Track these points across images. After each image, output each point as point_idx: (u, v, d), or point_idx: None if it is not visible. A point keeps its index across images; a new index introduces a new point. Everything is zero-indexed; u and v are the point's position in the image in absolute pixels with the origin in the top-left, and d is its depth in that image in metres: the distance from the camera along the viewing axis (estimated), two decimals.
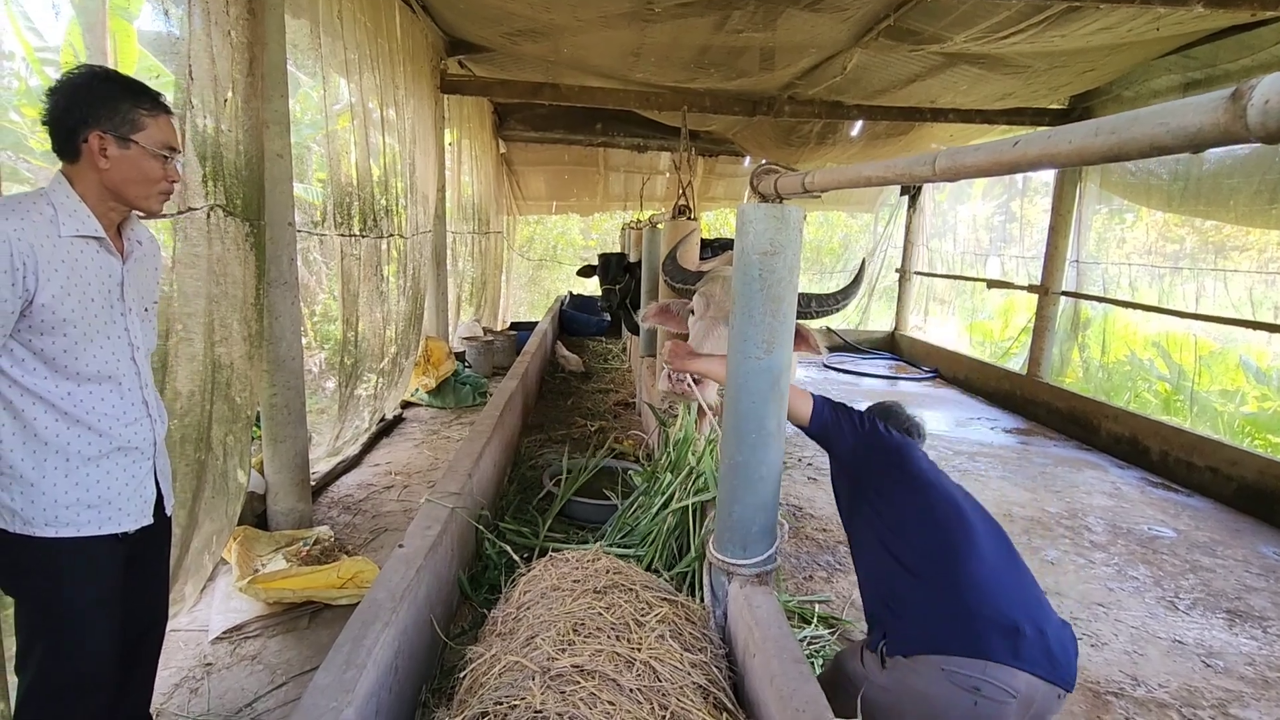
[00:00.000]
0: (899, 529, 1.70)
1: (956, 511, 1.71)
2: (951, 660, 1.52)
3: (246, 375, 2.81)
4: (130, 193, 1.47)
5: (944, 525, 1.68)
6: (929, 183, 1.58)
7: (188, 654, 2.38)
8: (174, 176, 1.53)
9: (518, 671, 1.43)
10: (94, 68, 1.47)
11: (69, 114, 1.40)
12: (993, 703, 1.50)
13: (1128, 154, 0.61)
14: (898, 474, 1.79)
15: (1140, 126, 0.58)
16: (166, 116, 1.50)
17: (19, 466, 1.41)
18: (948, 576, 1.61)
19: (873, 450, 1.84)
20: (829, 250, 13.46)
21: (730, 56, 4.96)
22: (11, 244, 1.30)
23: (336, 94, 4.05)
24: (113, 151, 1.42)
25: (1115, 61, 4.88)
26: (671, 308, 3.12)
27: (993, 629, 1.53)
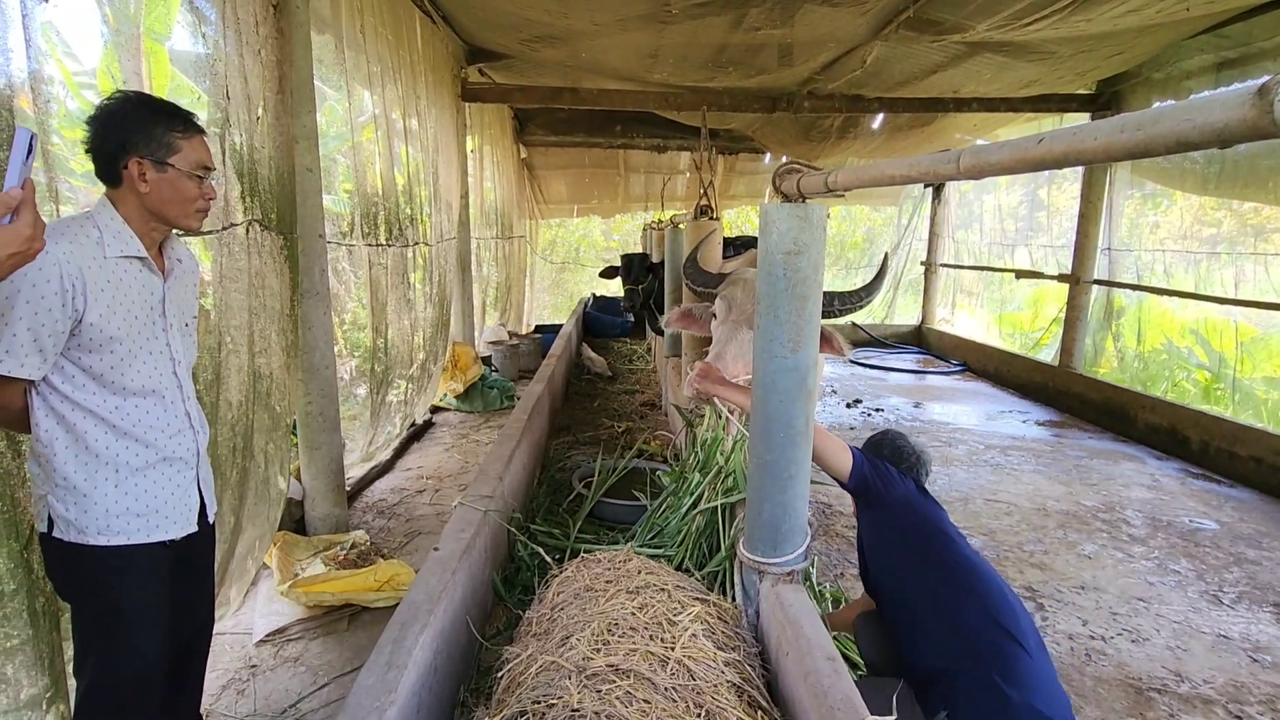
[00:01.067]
0: (948, 604, 1.68)
1: (1001, 597, 1.67)
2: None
3: (285, 384, 2.88)
4: (170, 213, 1.53)
5: (991, 614, 1.63)
6: (953, 180, 1.57)
7: (234, 656, 2.45)
8: (210, 194, 1.58)
9: (554, 671, 1.46)
10: (128, 94, 1.52)
11: (108, 141, 1.46)
12: None
13: (1154, 150, 0.61)
14: (939, 545, 1.78)
15: (1166, 122, 0.58)
16: (200, 137, 1.55)
17: (72, 478, 1.46)
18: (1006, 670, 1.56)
19: (913, 513, 1.85)
20: (852, 245, 13.34)
21: (748, 54, 4.95)
22: (62, 267, 1.36)
23: (361, 106, 4.13)
24: (151, 175, 1.48)
25: (1144, 43, 4.76)
26: (694, 311, 3.12)
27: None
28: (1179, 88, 5.31)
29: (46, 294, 1.34)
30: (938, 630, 1.67)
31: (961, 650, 1.62)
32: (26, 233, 1.10)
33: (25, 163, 1.12)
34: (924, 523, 1.84)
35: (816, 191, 1.54)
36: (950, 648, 1.63)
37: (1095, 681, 2.47)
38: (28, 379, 1.38)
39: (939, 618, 1.68)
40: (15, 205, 1.09)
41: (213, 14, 2.43)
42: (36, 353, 1.36)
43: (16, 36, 1.70)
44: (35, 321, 1.34)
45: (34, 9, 1.75)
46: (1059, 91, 5.96)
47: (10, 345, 1.33)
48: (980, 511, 3.91)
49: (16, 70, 1.69)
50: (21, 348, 1.34)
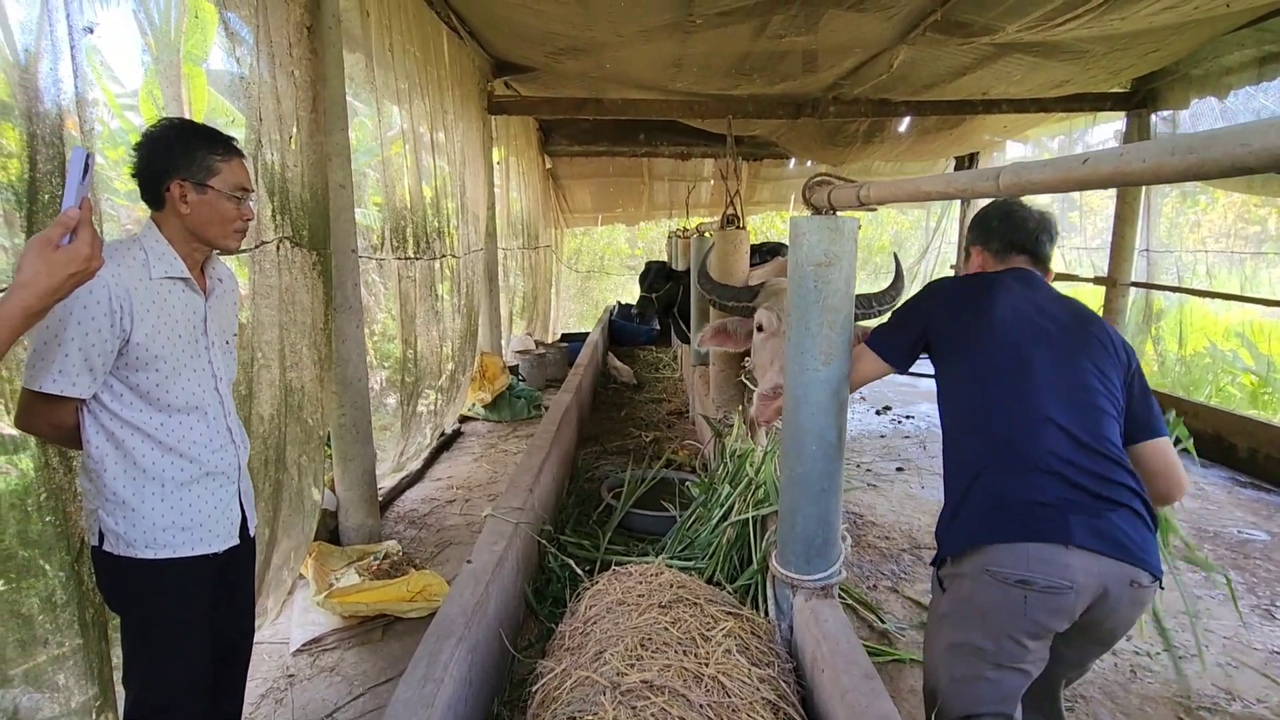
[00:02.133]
0: (955, 398, 1.58)
1: (1014, 355, 1.50)
2: (992, 553, 1.38)
3: (317, 397, 2.94)
4: (210, 233, 1.58)
5: (994, 376, 1.50)
6: (991, 198, 1.55)
7: (271, 665, 2.50)
8: (248, 215, 1.63)
9: (588, 687, 1.46)
10: (172, 121, 1.59)
11: (153, 165, 1.52)
12: (1048, 596, 1.33)
13: (1206, 174, 0.59)
14: (971, 328, 1.58)
15: (1220, 146, 0.56)
16: (238, 159, 1.60)
17: (121, 493, 1.51)
18: (985, 441, 1.47)
19: (950, 313, 1.63)
20: (880, 248, 13.20)
21: (772, 61, 4.93)
22: (110, 289, 1.41)
23: (390, 121, 4.22)
24: (192, 197, 1.53)
25: (1182, 40, 4.64)
26: (729, 327, 3.01)
27: (1030, 500, 1.37)
28: (1219, 84, 5.16)
29: (96, 315, 1.40)
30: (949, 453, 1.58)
31: (949, 457, 1.58)
32: (85, 252, 1.13)
33: (82, 183, 1.14)
34: (963, 312, 1.61)
35: (848, 205, 1.53)
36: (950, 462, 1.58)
37: (1142, 700, 2.40)
38: (79, 398, 1.43)
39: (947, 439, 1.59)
40: (74, 225, 1.12)
41: (248, 37, 2.50)
42: (87, 372, 1.41)
43: (66, 67, 1.77)
44: (86, 342, 1.39)
45: (81, 40, 1.83)
46: (1092, 91, 5.84)
47: (63, 366, 1.38)
48: None
49: (66, 96, 1.76)
50: (74, 368, 1.39)
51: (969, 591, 1.43)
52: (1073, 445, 1.41)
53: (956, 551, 1.46)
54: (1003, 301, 1.56)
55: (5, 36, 1.65)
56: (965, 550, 1.44)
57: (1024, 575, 1.35)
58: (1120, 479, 1.42)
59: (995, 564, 1.37)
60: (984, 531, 1.41)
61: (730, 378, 3.89)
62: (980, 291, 1.61)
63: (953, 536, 1.49)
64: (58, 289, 1.12)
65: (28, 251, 1.11)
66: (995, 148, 8.59)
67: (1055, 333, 1.53)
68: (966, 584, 1.44)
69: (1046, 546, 1.34)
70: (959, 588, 1.46)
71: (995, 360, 1.50)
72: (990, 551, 1.39)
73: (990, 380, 1.50)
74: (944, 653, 1.50)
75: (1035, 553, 1.34)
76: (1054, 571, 1.33)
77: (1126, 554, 1.36)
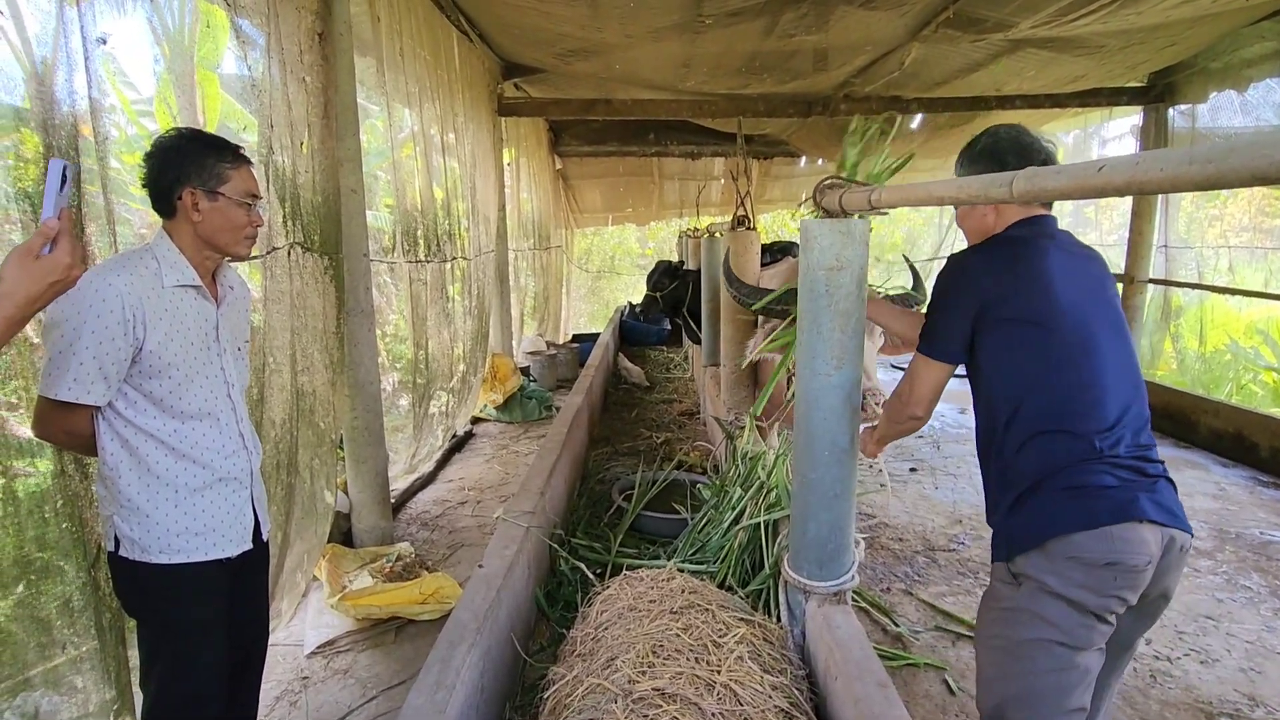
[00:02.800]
0: (1016, 381, 1.50)
1: (1082, 335, 1.46)
2: (1078, 541, 1.38)
3: (329, 401, 2.95)
4: (221, 240, 1.60)
5: (1066, 360, 1.46)
6: (1005, 203, 1.52)
7: (286, 668, 2.52)
8: (258, 221, 1.65)
9: (600, 694, 1.46)
10: (181, 130, 1.61)
11: (164, 175, 1.54)
12: (1133, 573, 1.37)
13: (1225, 184, 0.58)
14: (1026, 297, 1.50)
15: (1239, 157, 0.54)
16: (247, 167, 1.63)
17: (135, 499, 1.53)
18: (1057, 429, 1.44)
19: (1002, 290, 1.52)
20: (892, 246, 13.10)
21: (782, 59, 4.91)
22: (124, 298, 1.44)
23: (400, 124, 4.24)
24: (204, 204, 1.55)
25: (1199, 33, 4.57)
26: (776, 333, 2.98)
27: (1105, 485, 1.39)
28: (1239, 77, 5.07)
29: (110, 324, 1.42)
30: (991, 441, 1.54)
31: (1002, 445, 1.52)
32: (66, 261, 1.14)
33: (61, 193, 1.15)
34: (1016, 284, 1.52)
35: (860, 208, 1.51)
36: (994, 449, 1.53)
37: (1162, 705, 2.36)
38: (94, 405, 1.45)
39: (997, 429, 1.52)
40: (54, 235, 1.13)
41: (260, 42, 2.51)
42: (102, 380, 1.43)
43: (81, 77, 1.79)
44: (100, 350, 1.41)
45: (94, 50, 1.85)
46: (1108, 85, 5.76)
47: (78, 374, 1.40)
48: None
49: (80, 106, 1.79)
50: (88, 376, 1.41)
51: (1055, 583, 1.41)
52: (1134, 427, 1.47)
53: (1033, 545, 1.44)
54: (1058, 272, 1.49)
55: (24, 47, 1.68)
56: (1045, 541, 1.42)
57: (1111, 557, 1.37)
58: (1157, 451, 1.50)
59: (1082, 550, 1.38)
60: (1065, 520, 1.41)
61: (742, 379, 3.87)
62: (1023, 261, 1.52)
63: (1024, 529, 1.46)
64: (38, 297, 1.13)
65: (8, 262, 1.12)
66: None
67: (1106, 303, 1.53)
68: (1049, 576, 1.41)
69: (1127, 526, 1.38)
70: (1040, 578, 1.43)
71: (1063, 340, 1.46)
72: (1075, 540, 1.39)
73: (1059, 362, 1.46)
74: (1022, 646, 1.46)
75: (1119, 533, 1.38)
76: (1136, 549, 1.37)
77: (1177, 520, 1.42)
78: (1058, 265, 1.51)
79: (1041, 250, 1.53)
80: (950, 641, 2.68)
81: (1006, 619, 1.49)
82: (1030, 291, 1.49)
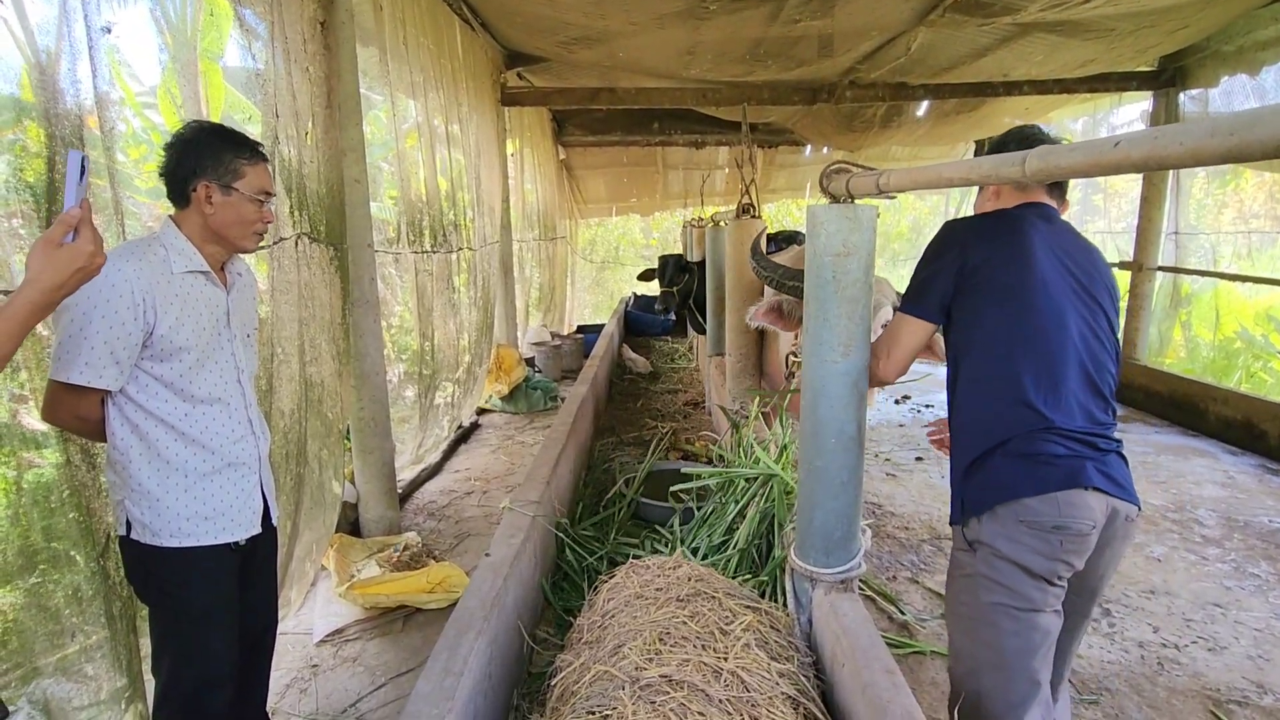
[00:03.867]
0: (983, 346, 1.57)
1: (1052, 308, 1.51)
2: (1027, 505, 1.46)
3: (337, 392, 2.96)
4: (231, 234, 1.62)
5: (1032, 330, 1.51)
6: (1017, 183, 1.51)
7: (295, 656, 2.54)
8: (269, 218, 1.67)
9: (607, 681, 1.46)
10: (202, 124, 1.64)
11: (182, 166, 1.56)
12: (1078, 538, 1.45)
13: (1249, 156, 0.56)
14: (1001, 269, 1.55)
15: (1264, 128, 0.53)
16: (263, 164, 1.65)
17: (146, 484, 1.54)
18: (1014, 398, 1.50)
19: (982, 256, 1.57)
20: (898, 235, 13.03)
21: (787, 46, 4.86)
22: (133, 284, 1.46)
23: (404, 114, 4.22)
24: (217, 198, 1.57)
25: (1211, 15, 4.50)
26: (784, 307, 2.95)
27: (1055, 454, 1.46)
28: (1252, 60, 5.00)
29: (120, 309, 1.44)
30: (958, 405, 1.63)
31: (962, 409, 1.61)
32: (89, 249, 1.17)
33: (80, 183, 1.19)
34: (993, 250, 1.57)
35: (867, 193, 1.49)
36: (958, 416, 1.63)
37: (1169, 693, 2.36)
38: (106, 389, 1.47)
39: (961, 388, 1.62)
40: (75, 224, 1.16)
41: (263, 32, 2.50)
42: (114, 364, 1.45)
43: (85, 66, 1.78)
44: (111, 335, 1.43)
45: (99, 40, 1.84)
46: (1117, 70, 5.68)
47: (90, 358, 1.42)
48: None
49: (85, 96, 1.78)
50: (100, 360, 1.43)
51: (1006, 546, 1.49)
52: (1091, 403, 1.53)
53: (986, 507, 1.51)
54: (1039, 247, 1.53)
55: (26, 37, 1.67)
56: (995, 505, 1.50)
57: (1058, 521, 1.44)
58: (1114, 429, 1.57)
59: (1031, 514, 1.46)
60: (1016, 485, 1.48)
61: (748, 369, 3.86)
62: (1009, 232, 1.56)
63: (979, 493, 1.54)
64: (63, 285, 1.16)
65: (34, 251, 1.15)
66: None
67: (1083, 284, 1.56)
68: (1001, 540, 1.49)
69: (1073, 492, 1.45)
70: (993, 544, 1.50)
71: (1035, 313, 1.51)
72: (1025, 504, 1.46)
73: (1027, 334, 1.51)
74: (983, 612, 1.53)
75: (1064, 498, 1.45)
76: (1081, 514, 1.45)
77: (1125, 492, 1.50)
78: (1042, 242, 1.55)
79: (1029, 225, 1.56)
80: None
81: (968, 586, 1.57)
82: (1009, 261, 1.53)
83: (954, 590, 1.64)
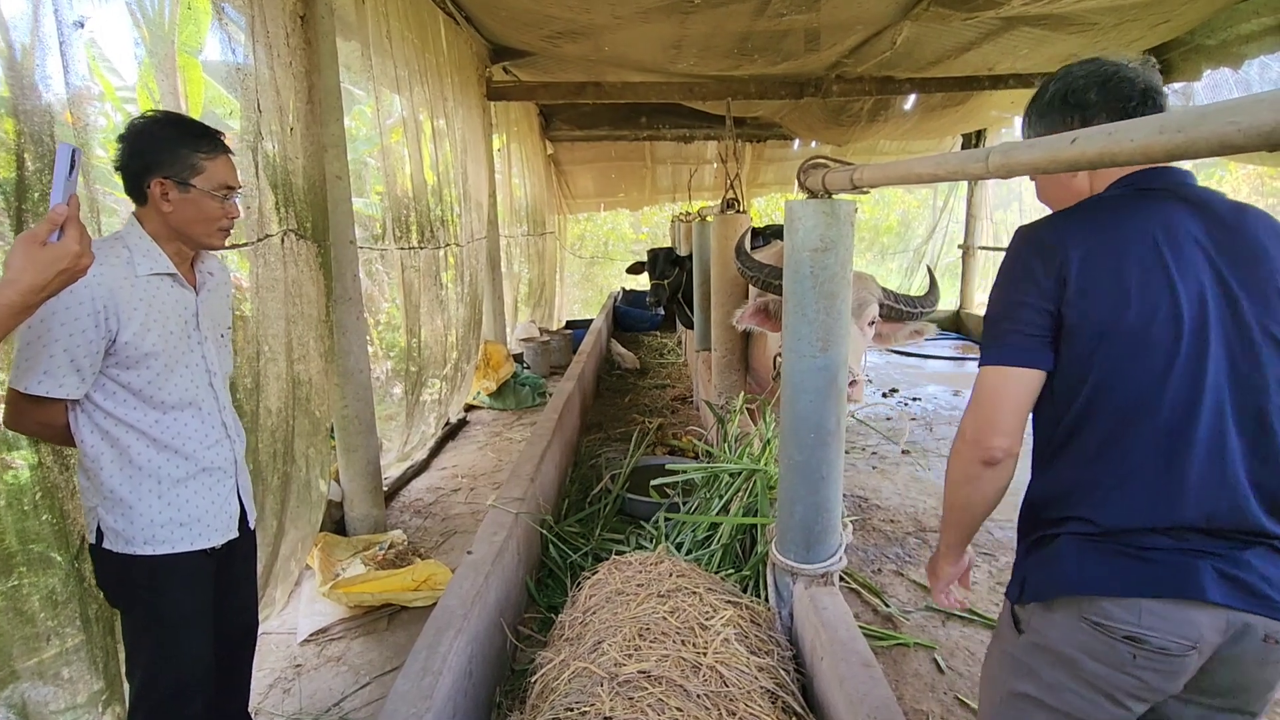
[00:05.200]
0: (1073, 392, 1.13)
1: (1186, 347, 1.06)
2: (1096, 604, 1.08)
3: (324, 389, 2.95)
4: (193, 231, 1.55)
5: (1147, 377, 1.07)
6: (982, 179, 1.51)
7: (279, 656, 2.53)
8: (233, 213, 1.59)
9: (586, 678, 1.46)
10: (156, 114, 1.52)
11: (134, 160, 1.48)
12: (1161, 657, 1.05)
13: (1196, 152, 0.56)
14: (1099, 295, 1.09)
15: (1209, 124, 0.53)
16: (225, 156, 1.56)
17: (118, 491, 1.50)
18: (1110, 464, 1.09)
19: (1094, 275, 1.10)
20: (887, 229, 13.06)
21: (773, 40, 4.85)
22: (93, 290, 1.39)
23: (389, 109, 4.19)
24: (174, 195, 1.49)
25: (1193, 9, 4.53)
26: (770, 307, 2.96)
27: (1157, 547, 1.06)
28: (1234, 53, 5.03)
29: (80, 316, 1.38)
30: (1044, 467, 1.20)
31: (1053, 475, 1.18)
32: (75, 249, 1.11)
33: (69, 178, 1.12)
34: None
35: (842, 188, 1.50)
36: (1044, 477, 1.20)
37: None
38: (67, 398, 1.43)
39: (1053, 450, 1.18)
40: (61, 222, 1.10)
41: (243, 27, 2.47)
42: (74, 373, 1.41)
43: (55, 62, 1.75)
44: (71, 344, 1.38)
45: (71, 35, 1.81)
46: None
47: (49, 367, 1.38)
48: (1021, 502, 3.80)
49: (56, 92, 1.75)
50: (60, 369, 1.39)
51: (1057, 637, 1.13)
52: (1234, 481, 1.07)
53: (1048, 598, 1.15)
54: (1155, 246, 1.08)
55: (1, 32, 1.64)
56: (1057, 597, 1.14)
57: (1135, 631, 1.05)
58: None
59: (1099, 615, 1.08)
60: (1086, 579, 1.10)
61: (733, 364, 3.87)
62: (1132, 234, 1.09)
63: (1043, 576, 1.16)
64: (45, 286, 1.11)
65: (15, 249, 1.10)
66: (1003, 124, 8.45)
67: (1236, 294, 1.07)
68: (1054, 630, 1.14)
69: (1170, 604, 1.05)
70: (1043, 630, 1.15)
71: (1147, 353, 1.07)
72: (1096, 602, 1.09)
73: (1128, 386, 1.09)
74: (1010, 700, 1.21)
75: (1153, 608, 1.05)
76: (1174, 629, 1.04)
77: (1266, 605, 1.04)
78: (1165, 237, 1.08)
79: (1139, 214, 1.10)
80: (940, 621, 2.70)
81: (1003, 663, 1.25)
82: (1114, 276, 1.08)
83: (990, 657, 1.32)
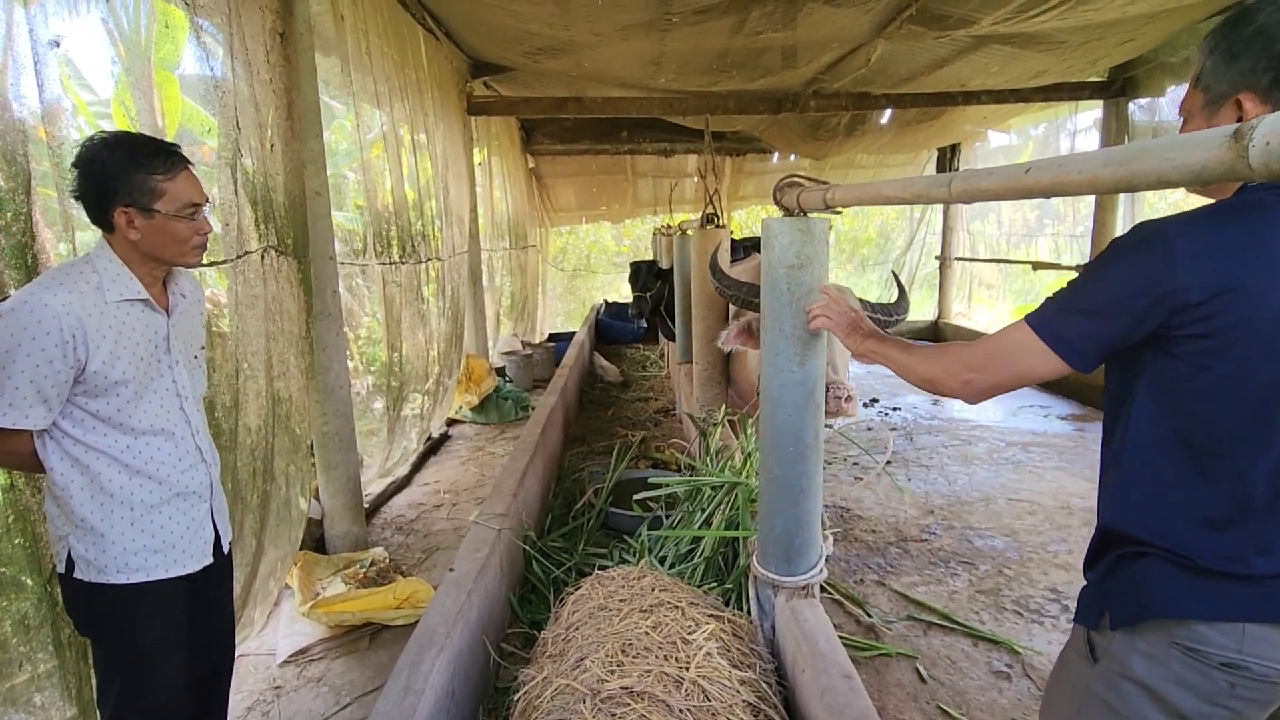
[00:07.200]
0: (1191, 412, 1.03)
1: None
2: (1192, 628, 1.01)
3: (304, 406, 2.92)
4: (165, 254, 1.51)
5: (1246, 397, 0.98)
6: (946, 203, 1.56)
7: (258, 678, 2.49)
8: (204, 229, 1.54)
9: (569, 695, 1.46)
10: (106, 137, 1.45)
11: (91, 188, 1.44)
12: (1259, 684, 1.00)
13: (1136, 185, 0.60)
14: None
15: (1148, 159, 0.57)
16: (185, 171, 1.50)
17: (89, 519, 1.47)
18: (1219, 487, 1.02)
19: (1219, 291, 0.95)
20: (866, 240, 13.20)
21: (751, 57, 4.94)
22: (61, 319, 1.36)
23: (369, 124, 4.19)
24: (140, 223, 1.45)
25: (1155, 30, 4.68)
26: (752, 326, 2.95)
27: (1264, 573, 1.00)
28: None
29: (47, 346, 1.35)
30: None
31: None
32: None
33: None
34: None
35: (816, 207, 1.53)
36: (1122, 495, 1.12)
37: None
38: (33, 429, 1.40)
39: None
40: None
41: (221, 44, 2.47)
42: (41, 403, 1.38)
43: (29, 80, 1.74)
44: (37, 374, 1.35)
45: (46, 54, 1.80)
46: (1070, 80, 5.88)
47: (14, 399, 1.35)
48: (1002, 511, 3.86)
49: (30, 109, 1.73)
50: (25, 400, 1.36)
51: (1142, 666, 1.05)
52: None
53: (1135, 622, 1.07)
54: None
55: None
56: (1142, 621, 1.06)
57: (1234, 657, 1.00)
58: None
59: (1196, 640, 1.01)
60: (1183, 602, 1.03)
61: (715, 377, 3.90)
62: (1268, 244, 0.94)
63: (1125, 597, 1.09)
64: None
65: None
66: (978, 137, 8.64)
67: None
68: (1138, 657, 1.06)
69: (1271, 628, 1.00)
70: (1125, 657, 1.07)
71: None
72: (1191, 627, 1.02)
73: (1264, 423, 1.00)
74: None
75: (1256, 632, 1.00)
76: (1277, 656, 1.00)
77: None
78: None
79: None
80: (922, 631, 2.73)
81: (1073, 699, 1.15)
82: (1257, 293, 0.93)
83: (1054, 694, 1.22)
